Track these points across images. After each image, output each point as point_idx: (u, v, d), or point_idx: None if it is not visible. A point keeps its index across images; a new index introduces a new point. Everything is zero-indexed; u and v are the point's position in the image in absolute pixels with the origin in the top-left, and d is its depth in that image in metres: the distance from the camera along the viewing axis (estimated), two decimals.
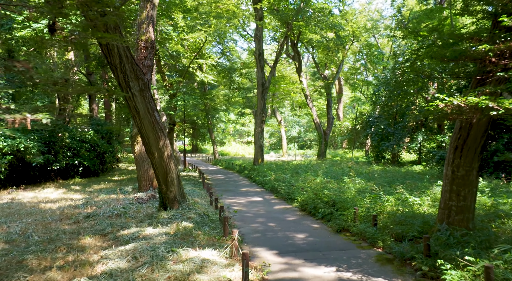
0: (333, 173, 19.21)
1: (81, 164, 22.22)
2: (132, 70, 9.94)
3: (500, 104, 5.33)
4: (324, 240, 8.78)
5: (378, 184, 13.84)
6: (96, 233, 8.81)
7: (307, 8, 25.81)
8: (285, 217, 11.37)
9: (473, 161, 7.43)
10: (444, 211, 7.67)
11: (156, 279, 5.66)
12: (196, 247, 7.27)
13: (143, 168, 15.07)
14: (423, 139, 27.69)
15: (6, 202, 13.95)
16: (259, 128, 27.46)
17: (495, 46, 5.71)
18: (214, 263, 6.50)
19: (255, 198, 15.32)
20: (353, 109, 61.01)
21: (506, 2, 5.69)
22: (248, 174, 23.82)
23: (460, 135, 7.46)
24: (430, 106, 6.18)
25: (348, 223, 9.57)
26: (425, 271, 6.27)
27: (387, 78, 29.04)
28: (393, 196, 10.85)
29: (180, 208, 10.72)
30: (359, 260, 7.20)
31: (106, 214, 10.76)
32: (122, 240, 8.01)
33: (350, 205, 10.60)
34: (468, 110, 5.85)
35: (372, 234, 8.42)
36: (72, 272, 6.13)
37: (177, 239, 7.86)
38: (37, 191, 17.04)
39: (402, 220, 8.65)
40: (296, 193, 13.80)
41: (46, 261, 6.80)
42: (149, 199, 12.98)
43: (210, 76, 23.41)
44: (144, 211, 11.22)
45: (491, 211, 9.31)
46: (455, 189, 7.54)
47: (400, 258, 7.11)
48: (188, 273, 5.97)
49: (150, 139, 10.44)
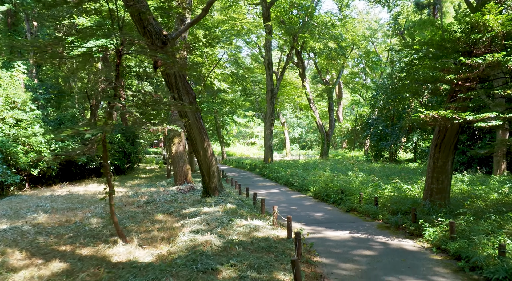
0: (338, 169, 21.95)
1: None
2: (184, 87, 12.64)
3: (459, 115, 8.05)
4: (337, 216, 11.51)
5: (378, 177, 16.57)
6: (163, 212, 11.51)
7: (311, 22, 28.58)
8: (303, 203, 14.09)
9: (448, 155, 10.17)
10: (428, 192, 10.41)
11: (229, 234, 8.36)
12: (246, 219, 9.97)
13: (178, 165, 17.76)
14: (418, 139, 30.49)
15: (67, 194, 16.61)
16: (269, 130, 30.19)
17: (458, 75, 8.43)
18: (263, 227, 9.20)
19: (273, 190, 18.02)
20: (352, 111, 63.87)
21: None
22: (260, 171, 26.53)
23: (439, 136, 10.20)
24: (415, 117, 8.88)
25: (355, 205, 12.30)
26: (411, 230, 9.02)
27: (385, 83, 31.81)
28: (390, 185, 13.60)
29: (220, 195, 13.41)
30: (365, 227, 9.93)
31: (162, 200, 13.47)
32: (188, 216, 10.70)
33: (356, 191, 13.34)
34: (440, 119, 8.56)
35: (374, 211, 11.15)
36: (169, 232, 8.84)
37: (229, 214, 10.55)
38: (83, 186, 19.70)
39: (397, 200, 11.38)
40: (309, 185, 16.53)
41: (143, 227, 9.51)
42: (189, 190, 15.67)
43: (225, 84, 26.08)
44: (190, 198, 13.92)
45: (466, 195, 12.04)
46: (435, 175, 10.27)
47: (395, 225, 9.84)
48: (249, 231, 8.67)
49: (197, 140, 13.15)
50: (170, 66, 8.36)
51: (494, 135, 19.77)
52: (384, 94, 31.58)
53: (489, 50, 8.36)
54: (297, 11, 30.85)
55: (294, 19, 30.95)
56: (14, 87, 17.58)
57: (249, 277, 5.77)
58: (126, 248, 7.55)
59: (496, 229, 7.63)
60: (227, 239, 7.92)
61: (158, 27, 11.62)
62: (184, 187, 16.30)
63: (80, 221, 10.57)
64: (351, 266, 6.89)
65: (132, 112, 7.29)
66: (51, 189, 19.10)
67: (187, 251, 7.07)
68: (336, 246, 8.19)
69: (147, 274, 5.77)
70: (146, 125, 7.33)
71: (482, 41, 8.22)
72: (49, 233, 9.14)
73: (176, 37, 12.20)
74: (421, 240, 8.39)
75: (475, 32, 8.18)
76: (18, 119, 17.48)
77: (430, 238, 8.14)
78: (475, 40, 8.21)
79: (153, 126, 7.20)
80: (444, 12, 32.68)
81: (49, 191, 18.09)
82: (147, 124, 7.34)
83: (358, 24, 36.89)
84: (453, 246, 7.29)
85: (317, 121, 39.01)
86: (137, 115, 7.40)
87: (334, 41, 31.59)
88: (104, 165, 8.00)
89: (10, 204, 13.74)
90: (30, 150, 17.69)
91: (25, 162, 17.03)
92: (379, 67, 41.07)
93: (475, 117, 7.96)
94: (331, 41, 31.67)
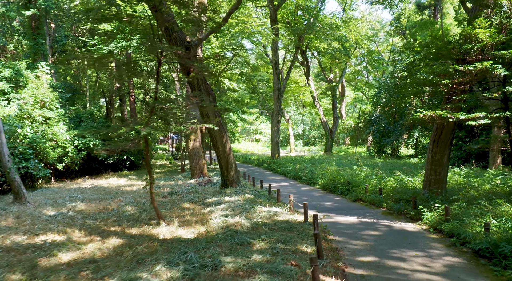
0: (344, 164, 23.23)
1: (128, 158, 26.24)
2: (205, 88, 13.90)
3: (453, 115, 9.30)
4: (345, 205, 12.80)
5: (381, 171, 17.85)
6: (189, 201, 12.82)
7: (317, 23, 29.80)
8: (312, 194, 15.38)
9: (445, 149, 11.43)
10: (426, 182, 11.68)
11: (254, 217, 9.66)
12: (265, 206, 11.26)
13: (195, 160, 19.06)
14: (419, 135, 31.77)
15: (92, 186, 17.93)
16: (276, 127, 31.47)
17: (452, 80, 9.68)
18: (282, 213, 10.49)
19: (282, 183, 19.31)
20: (354, 108, 65.12)
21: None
22: (268, 166, 27.82)
23: (436, 133, 11.45)
24: (415, 116, 10.13)
25: (361, 195, 13.58)
26: (412, 215, 10.30)
27: (387, 82, 33.04)
28: (393, 177, 14.89)
29: (237, 187, 14.70)
30: (371, 214, 11.21)
31: (184, 191, 14.78)
32: (212, 204, 12.00)
33: (361, 183, 14.62)
34: (437, 118, 9.82)
35: (378, 200, 12.43)
36: (200, 217, 10.14)
37: (249, 202, 11.84)
38: (103, 180, 21.04)
39: (399, 191, 12.66)
40: (318, 178, 17.81)
41: (175, 213, 10.81)
42: (207, 183, 16.97)
43: (234, 83, 27.30)
44: (209, 190, 15.22)
45: (462, 186, 13.31)
46: (433, 168, 11.54)
47: (397, 211, 11.13)
48: (270, 216, 9.96)
49: (216, 137, 14.43)
50: (201, 72, 9.62)
51: (490, 132, 21.02)
52: (386, 92, 32.80)
53: (480, 58, 9.60)
54: (302, 12, 32.06)
55: (299, 20, 32.16)
56: (43, 88, 18.89)
57: (279, 248, 7.06)
58: (168, 228, 8.86)
59: (484, 212, 8.91)
60: (253, 221, 9.22)
61: (183, 34, 12.87)
62: (201, 180, 17.60)
63: (117, 208, 11.89)
64: (360, 242, 8.18)
65: (176, 112, 8.52)
66: (75, 182, 20.46)
67: (222, 230, 8.38)
68: (346, 228, 9.48)
69: (196, 245, 7.07)
70: (186, 123, 8.57)
71: (474, 50, 9.45)
72: (94, 218, 10.46)
73: (198, 44, 13.47)
74: (420, 223, 9.68)
75: (468, 42, 9.42)
76: (46, 117, 18.79)
77: (428, 221, 9.42)
78: (467, 50, 9.45)
79: (192, 125, 8.47)
80: (444, 13, 33.83)
81: (74, 184, 19.44)
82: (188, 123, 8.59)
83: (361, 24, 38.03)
84: (447, 227, 8.56)
85: (322, 118, 40.22)
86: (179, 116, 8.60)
87: (338, 42, 32.82)
88: (146, 158, 9.29)
89: (45, 195, 15.06)
90: (56, 146, 19.02)
91: (53, 157, 18.35)
92: (381, 66, 42.26)
93: (466, 117, 9.21)
94: (335, 42, 32.90)
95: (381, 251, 7.50)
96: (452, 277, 6.06)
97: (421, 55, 11.66)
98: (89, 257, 6.80)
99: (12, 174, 12.52)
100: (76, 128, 21.62)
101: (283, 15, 31.93)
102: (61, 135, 19.14)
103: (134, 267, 6.20)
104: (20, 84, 19.63)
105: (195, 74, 10.84)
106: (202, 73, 9.82)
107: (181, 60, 9.37)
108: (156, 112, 8.98)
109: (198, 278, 5.61)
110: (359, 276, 6.20)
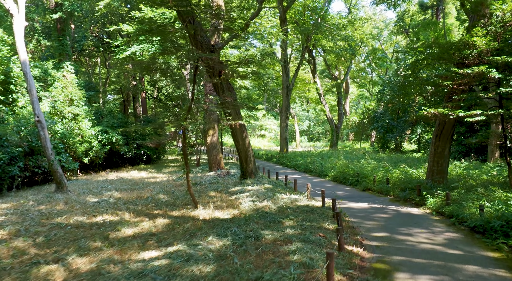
0: (351, 158, 24.55)
1: (145, 153, 27.62)
2: (227, 87, 15.20)
3: (453, 112, 10.59)
4: (356, 194, 14.13)
5: (387, 163, 19.16)
6: (214, 190, 14.16)
7: (324, 23, 31.04)
8: (324, 185, 16.70)
9: (446, 143, 12.74)
10: (429, 173, 13.00)
11: (278, 202, 10.99)
12: (285, 194, 12.59)
13: (212, 154, 20.40)
14: (422, 131, 33.07)
15: (117, 178, 19.30)
16: (284, 123, 32.79)
17: (452, 82, 10.96)
18: (301, 199, 11.82)
19: (294, 175, 20.63)
20: (358, 104, 66.35)
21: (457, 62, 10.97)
22: (278, 160, 29.18)
23: (439, 128, 12.75)
24: (419, 114, 11.42)
25: (369, 185, 14.91)
26: (417, 201, 11.63)
27: (391, 80, 34.28)
28: (399, 169, 16.20)
29: (255, 178, 16.04)
30: (379, 201, 12.54)
31: (207, 182, 16.13)
32: (237, 192, 13.34)
33: (370, 175, 15.94)
34: (439, 115, 11.11)
35: (386, 189, 13.76)
36: (228, 202, 11.48)
37: (270, 191, 13.17)
38: (125, 173, 22.42)
39: (405, 181, 13.98)
40: (327, 171, 19.14)
41: (205, 200, 12.16)
42: (225, 175, 18.31)
43: (246, 81, 28.63)
44: (230, 181, 16.56)
45: (462, 177, 14.61)
46: (436, 159, 12.85)
47: (404, 199, 12.46)
48: (291, 202, 11.29)
49: (237, 132, 15.74)
50: (231, 75, 10.93)
51: (489, 128, 22.29)
52: (390, 90, 34.05)
53: (478, 62, 10.87)
54: (310, 12, 33.28)
55: (307, 20, 33.39)
56: (71, 86, 20.25)
57: (306, 225, 8.40)
58: (205, 211, 10.21)
59: (480, 197, 10.22)
60: (278, 205, 10.57)
61: (207, 38, 14.17)
62: (220, 172, 18.94)
63: (151, 196, 13.24)
64: (373, 222, 9.52)
65: (215, 110, 9.81)
66: (99, 175, 21.85)
67: (253, 211, 9.73)
68: (359, 212, 10.81)
69: (236, 222, 8.42)
70: (222, 120, 9.87)
71: (472, 55, 10.72)
72: (135, 204, 11.82)
73: (221, 47, 14.76)
74: (424, 207, 11.00)
75: (466, 48, 10.69)
76: (75, 114, 20.16)
77: (431, 206, 10.74)
78: (466, 55, 10.72)
79: (228, 121, 9.77)
80: (447, 12, 34.96)
81: (99, 176, 20.83)
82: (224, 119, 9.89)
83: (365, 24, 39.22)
84: (448, 210, 9.88)
85: (327, 114, 41.52)
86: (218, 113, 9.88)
87: (344, 42, 34.09)
88: (184, 150, 10.63)
89: (78, 186, 16.43)
90: (83, 141, 20.40)
91: (81, 151, 19.73)
92: (385, 64, 43.48)
93: (465, 114, 10.50)
94: (341, 41, 34.17)
95: (391, 229, 8.83)
96: (451, 247, 7.38)
97: (424, 55, 12.90)
98: (148, 232, 8.16)
99: (55, 166, 13.88)
100: (99, 124, 23.00)
101: (291, 15, 33.15)
102: (87, 131, 20.51)
103: (188, 238, 7.55)
104: (48, 83, 20.98)
105: (224, 76, 12.13)
106: (232, 76, 11.11)
107: (215, 64, 10.66)
108: (192, 111, 10.28)
109: (245, 246, 6.95)
110: (375, 246, 7.53)
